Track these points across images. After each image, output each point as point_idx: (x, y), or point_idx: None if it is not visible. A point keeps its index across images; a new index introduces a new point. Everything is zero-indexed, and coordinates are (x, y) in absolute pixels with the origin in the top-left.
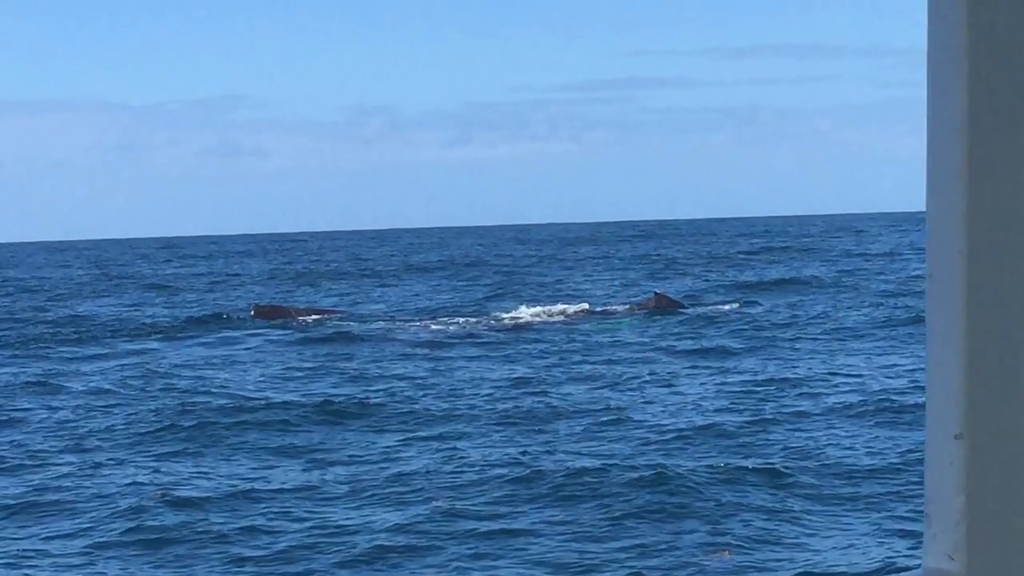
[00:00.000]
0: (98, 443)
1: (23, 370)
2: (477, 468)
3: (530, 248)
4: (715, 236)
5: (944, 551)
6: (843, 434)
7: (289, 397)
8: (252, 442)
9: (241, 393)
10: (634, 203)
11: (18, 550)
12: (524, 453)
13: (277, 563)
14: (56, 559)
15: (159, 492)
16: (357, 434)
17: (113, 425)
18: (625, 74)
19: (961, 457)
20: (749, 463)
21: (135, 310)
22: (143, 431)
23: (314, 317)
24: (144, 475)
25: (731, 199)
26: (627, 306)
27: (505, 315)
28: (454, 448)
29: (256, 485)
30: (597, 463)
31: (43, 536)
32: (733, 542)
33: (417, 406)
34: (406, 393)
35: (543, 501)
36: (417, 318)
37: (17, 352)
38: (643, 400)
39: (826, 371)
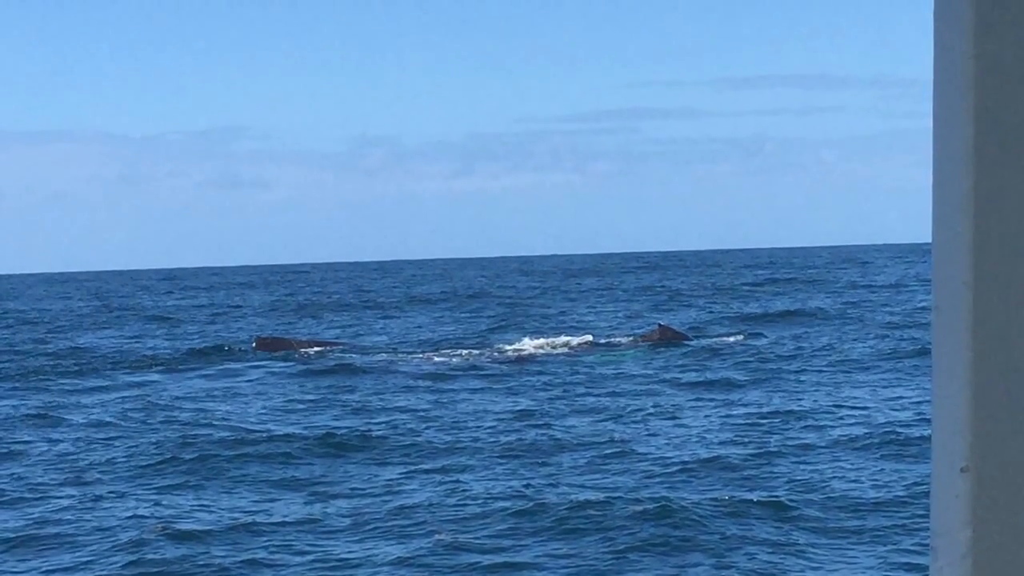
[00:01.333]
0: (99, 476)
1: (23, 402)
2: (480, 501)
3: (533, 280)
4: (720, 267)
5: None
6: (848, 467)
7: (291, 429)
8: (254, 475)
9: (243, 426)
10: (638, 234)
11: None
12: (527, 486)
13: None
14: None
15: (160, 525)
16: (359, 467)
17: (114, 458)
18: (629, 105)
19: (967, 490)
20: (754, 496)
21: (136, 342)
22: (144, 464)
23: (316, 349)
24: (145, 508)
25: (736, 230)
26: (631, 338)
27: (508, 347)
28: (457, 481)
29: (258, 518)
30: (601, 496)
31: (43, 570)
32: (738, 575)
33: (420, 439)
34: (409, 425)
35: (547, 534)
36: (420, 350)
37: (17, 384)
38: (647, 432)
39: (831, 403)
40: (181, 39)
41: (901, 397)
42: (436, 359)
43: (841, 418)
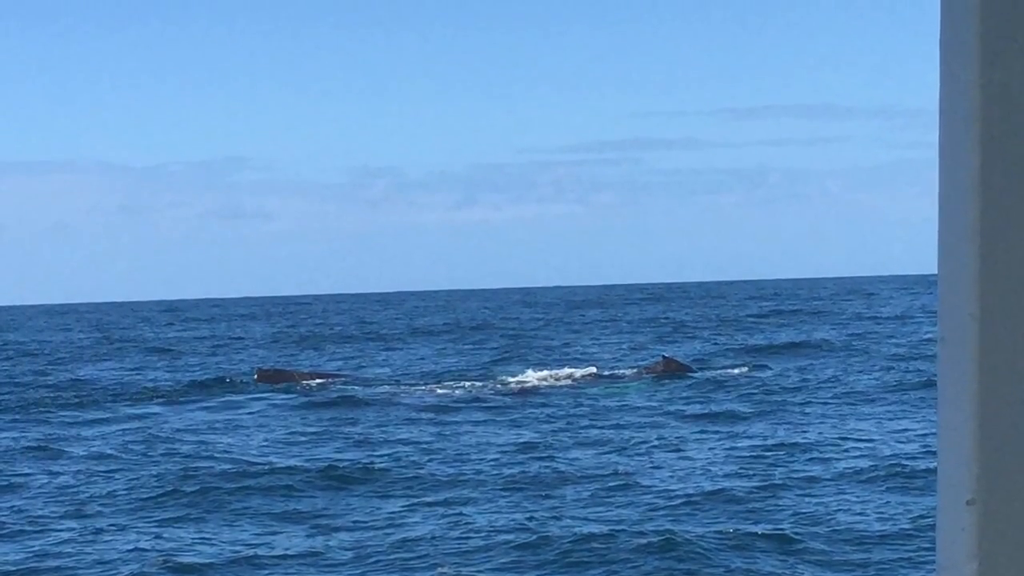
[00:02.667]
0: (99, 508)
1: (24, 435)
2: (483, 534)
3: (537, 311)
4: (724, 299)
5: None
6: (854, 499)
7: (293, 462)
8: (255, 507)
9: (244, 458)
10: (642, 266)
11: None
12: (531, 519)
13: None
14: None
15: (161, 558)
16: (362, 499)
17: (115, 490)
18: (632, 135)
19: (973, 523)
20: (759, 529)
21: (137, 374)
22: (145, 496)
23: (318, 381)
24: (146, 541)
25: (740, 261)
26: (635, 370)
27: (512, 379)
28: (460, 513)
29: (259, 551)
30: (605, 529)
31: None
32: None
33: (422, 471)
34: (411, 458)
35: (550, 567)
36: (422, 382)
37: (18, 416)
38: (651, 465)
39: (836, 436)
40: (182, 69)
41: (907, 429)
42: (439, 391)
43: (846, 450)
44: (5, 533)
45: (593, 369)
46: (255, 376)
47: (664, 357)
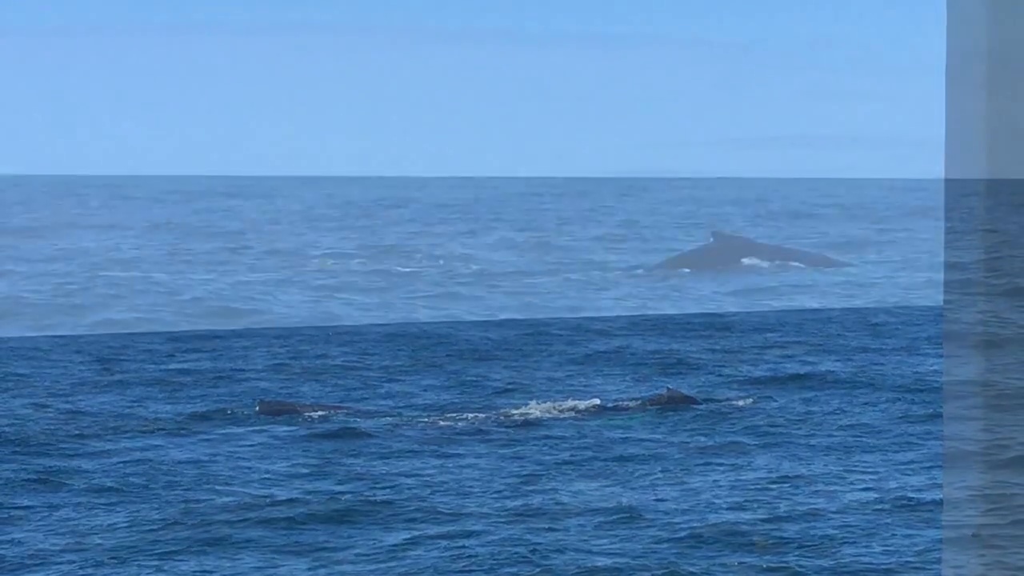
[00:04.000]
0: (100, 541)
1: (23, 467)
2: (486, 567)
3: (540, 342)
4: (729, 330)
5: None
6: (859, 532)
7: (294, 494)
8: (257, 540)
9: (245, 490)
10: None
11: None
12: (534, 551)
13: None
14: None
15: None
16: (364, 532)
17: (115, 523)
18: (637, 166)
19: (978, 556)
20: (763, 562)
21: (138, 405)
22: (145, 529)
23: (320, 412)
24: (147, 574)
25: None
26: (639, 401)
27: (515, 411)
28: (462, 546)
29: None
30: (608, 562)
31: None
32: None
33: (425, 503)
34: (414, 490)
35: None
36: (425, 414)
37: (17, 448)
38: (655, 497)
39: (842, 468)
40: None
41: (912, 462)
42: (441, 423)
43: (852, 483)
44: (5, 566)
45: (597, 401)
46: (257, 408)
47: (668, 389)
